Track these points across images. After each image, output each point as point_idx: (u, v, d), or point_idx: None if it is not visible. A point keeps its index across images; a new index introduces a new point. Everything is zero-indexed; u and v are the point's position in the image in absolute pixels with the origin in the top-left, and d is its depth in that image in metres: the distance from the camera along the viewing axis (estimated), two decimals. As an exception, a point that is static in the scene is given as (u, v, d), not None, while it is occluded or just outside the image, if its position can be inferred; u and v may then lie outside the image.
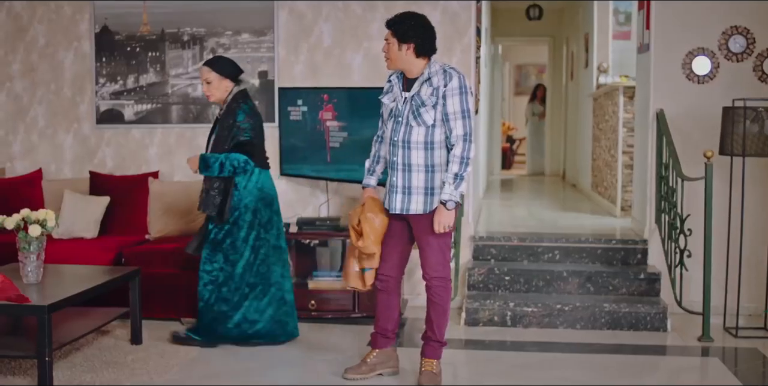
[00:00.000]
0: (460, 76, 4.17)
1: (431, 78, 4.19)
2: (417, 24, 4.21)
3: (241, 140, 4.91)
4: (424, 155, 4.23)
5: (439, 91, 4.14)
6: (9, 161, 6.64)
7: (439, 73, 4.17)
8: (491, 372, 4.75)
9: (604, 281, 5.83)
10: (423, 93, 4.18)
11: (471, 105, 4.18)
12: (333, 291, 5.78)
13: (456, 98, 4.12)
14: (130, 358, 4.86)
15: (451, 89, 4.13)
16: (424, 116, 4.18)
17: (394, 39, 4.23)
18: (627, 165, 7.45)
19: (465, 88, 4.14)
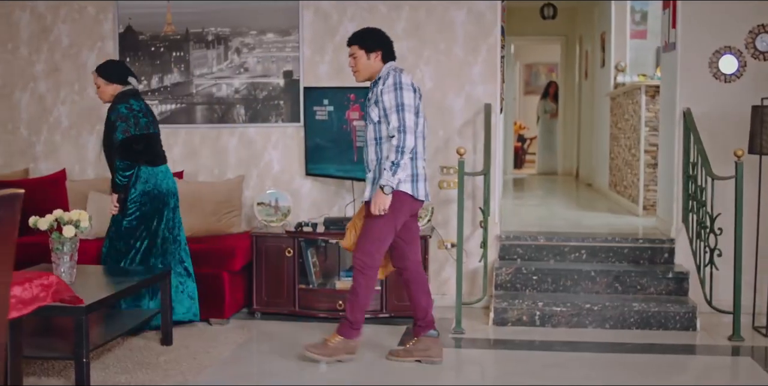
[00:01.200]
0: (395, 75, 4.53)
1: (378, 80, 4.61)
2: (378, 34, 4.74)
3: (116, 142, 5.12)
4: (374, 150, 4.66)
5: (378, 89, 4.55)
6: (32, 162, 6.63)
7: (383, 75, 4.59)
8: (521, 371, 4.73)
9: (632, 280, 5.81)
10: (372, 93, 4.63)
11: (407, 100, 4.48)
12: (361, 290, 5.76)
13: (391, 94, 4.48)
14: (162, 359, 4.85)
15: (387, 87, 4.50)
16: (371, 114, 4.61)
17: (361, 51, 4.68)
18: (649, 164, 7.44)
19: (399, 85, 4.48)
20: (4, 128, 6.66)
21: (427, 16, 6.17)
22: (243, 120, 6.38)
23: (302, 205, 6.32)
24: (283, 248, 5.78)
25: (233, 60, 6.36)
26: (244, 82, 6.36)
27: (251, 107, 6.36)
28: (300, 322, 5.73)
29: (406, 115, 4.47)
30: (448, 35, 6.16)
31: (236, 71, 6.36)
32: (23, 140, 6.65)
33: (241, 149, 6.40)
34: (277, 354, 5.10)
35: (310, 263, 5.85)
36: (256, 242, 5.83)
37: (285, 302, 5.80)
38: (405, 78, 4.55)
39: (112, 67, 5.30)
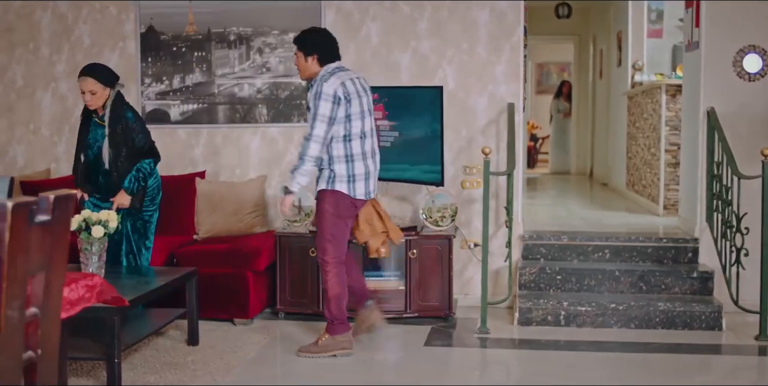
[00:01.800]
0: (320, 83, 4.64)
1: (315, 81, 4.73)
2: (319, 37, 4.82)
3: (140, 145, 5.12)
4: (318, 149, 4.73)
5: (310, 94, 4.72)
6: (54, 162, 6.64)
7: (317, 80, 4.70)
8: (548, 371, 4.73)
9: (657, 280, 5.80)
10: (308, 96, 4.75)
11: (322, 109, 4.61)
12: (385, 291, 5.77)
13: (312, 102, 4.66)
14: (190, 359, 4.85)
15: (313, 94, 4.66)
16: (308, 116, 4.74)
17: (300, 52, 4.78)
18: (670, 163, 7.43)
19: (319, 95, 4.61)
20: (26, 128, 6.67)
21: (449, 16, 6.16)
22: (265, 120, 6.38)
23: (324, 205, 6.30)
24: (306, 248, 5.78)
25: (255, 60, 6.36)
26: (266, 82, 6.36)
27: (273, 106, 6.37)
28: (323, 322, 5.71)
29: (317, 124, 4.62)
30: (471, 35, 6.15)
31: (258, 71, 6.36)
32: (45, 140, 6.65)
33: (263, 149, 6.40)
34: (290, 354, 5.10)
35: (333, 263, 5.83)
36: (280, 242, 5.83)
37: (309, 302, 5.80)
38: (327, 88, 4.63)
39: (107, 71, 5.08)
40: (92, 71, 5.04)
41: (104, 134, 5.08)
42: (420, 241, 5.73)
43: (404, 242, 5.72)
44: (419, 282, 5.71)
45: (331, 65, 4.77)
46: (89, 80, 4.99)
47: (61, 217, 2.16)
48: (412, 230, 5.79)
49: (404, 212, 6.24)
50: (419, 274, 5.71)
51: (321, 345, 4.95)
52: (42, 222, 2.07)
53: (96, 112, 5.11)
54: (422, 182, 5.79)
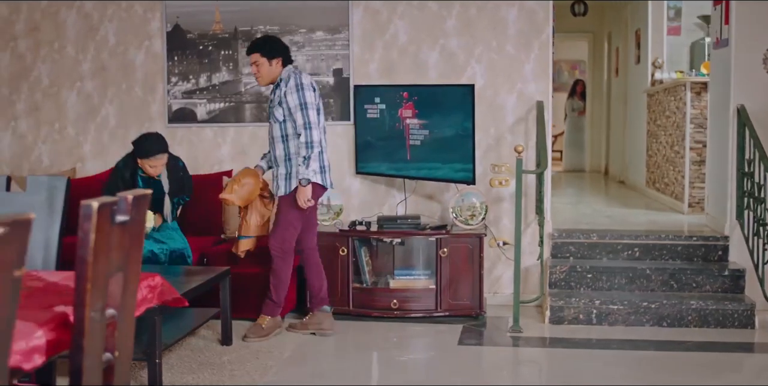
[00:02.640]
0: (296, 76, 4.95)
1: (280, 82, 5.01)
2: (278, 42, 5.11)
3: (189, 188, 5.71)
4: (282, 147, 5.07)
5: (282, 91, 4.95)
6: (80, 161, 6.62)
7: (285, 77, 4.99)
8: (584, 370, 4.70)
9: (688, 278, 5.78)
10: (275, 95, 5.02)
11: (308, 98, 4.93)
12: (415, 290, 5.75)
13: (294, 94, 4.91)
14: (225, 359, 4.83)
15: (290, 88, 4.93)
16: (276, 114, 5.01)
17: (263, 59, 5.02)
18: (694, 161, 7.40)
19: (300, 86, 4.92)
20: (51, 128, 6.65)
21: (478, 14, 6.14)
22: (292, 119, 6.35)
23: (351, 203, 6.30)
24: (336, 247, 5.76)
25: (282, 58, 6.32)
26: (294, 81, 6.33)
27: (301, 105, 6.33)
28: (354, 321, 5.71)
29: (309, 112, 4.94)
30: (500, 33, 6.13)
31: (285, 70, 6.33)
32: (70, 139, 6.64)
33: (291, 148, 6.37)
34: (338, 353, 5.09)
35: (363, 262, 5.83)
36: (310, 241, 5.80)
37: (339, 301, 5.78)
38: (305, 79, 4.99)
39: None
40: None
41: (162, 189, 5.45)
42: (450, 240, 5.71)
43: (434, 241, 5.71)
44: (450, 281, 5.70)
45: (290, 66, 5.10)
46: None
47: (137, 217, 2.15)
48: (442, 229, 5.77)
49: (432, 211, 6.22)
50: (450, 273, 5.69)
51: (266, 328, 5.23)
52: (121, 222, 2.05)
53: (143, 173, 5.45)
54: (453, 180, 5.77)
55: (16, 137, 6.70)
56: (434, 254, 5.74)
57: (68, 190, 2.88)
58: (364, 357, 5.10)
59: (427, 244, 5.86)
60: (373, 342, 5.30)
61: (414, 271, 5.90)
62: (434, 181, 5.94)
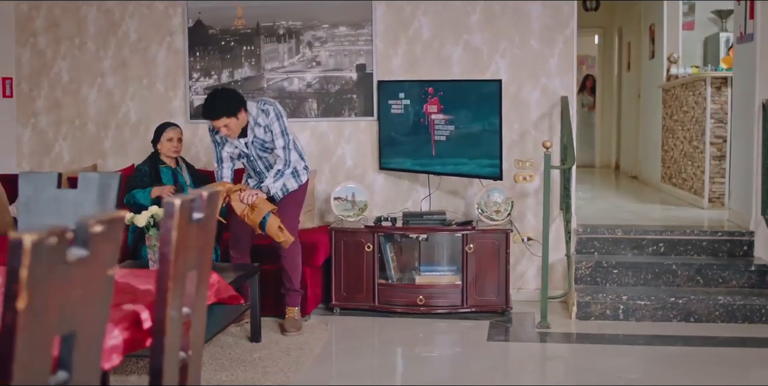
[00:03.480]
0: (268, 108, 5.12)
1: (258, 120, 5.11)
2: (231, 94, 5.04)
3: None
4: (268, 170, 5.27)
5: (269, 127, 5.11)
6: (101, 158, 6.60)
7: (260, 114, 5.11)
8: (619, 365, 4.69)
9: (714, 273, 5.76)
10: (259, 134, 5.13)
11: (288, 124, 5.18)
12: (441, 285, 5.74)
13: (276, 123, 5.10)
14: (257, 356, 4.82)
15: (271, 119, 5.10)
16: (267, 147, 5.17)
17: (232, 119, 4.99)
18: (715, 156, 7.39)
19: (280, 114, 5.13)
20: (72, 124, 6.63)
21: (502, 9, 6.11)
22: (315, 114, 6.34)
23: (375, 199, 6.28)
24: (362, 243, 5.75)
25: (305, 54, 6.31)
26: (317, 76, 6.31)
27: (323, 101, 6.32)
28: (380, 318, 5.70)
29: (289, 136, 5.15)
30: (524, 27, 6.11)
31: (308, 65, 6.31)
32: (91, 136, 6.61)
33: (313, 144, 6.36)
34: (369, 349, 5.07)
35: (389, 258, 5.82)
36: (335, 237, 5.79)
37: (365, 297, 5.77)
38: (278, 107, 5.18)
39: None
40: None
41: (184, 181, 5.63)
42: (476, 235, 5.70)
43: (460, 237, 5.70)
44: (476, 277, 5.68)
45: (250, 103, 5.16)
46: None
47: (210, 215, 2.13)
48: (467, 225, 5.75)
49: (456, 206, 6.21)
50: (476, 269, 5.68)
51: (299, 320, 5.35)
52: (198, 220, 2.03)
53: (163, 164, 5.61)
54: (480, 176, 5.76)
55: (37, 134, 6.67)
56: (460, 250, 5.73)
57: (120, 187, 2.85)
58: (395, 353, 5.10)
59: (453, 240, 5.85)
60: (402, 339, 5.29)
61: (439, 267, 5.88)
62: (460, 177, 5.92)
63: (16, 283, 1.32)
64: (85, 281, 1.54)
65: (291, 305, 5.35)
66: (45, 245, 1.36)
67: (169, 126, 5.61)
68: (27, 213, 2.85)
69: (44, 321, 1.42)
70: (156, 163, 5.58)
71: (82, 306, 1.55)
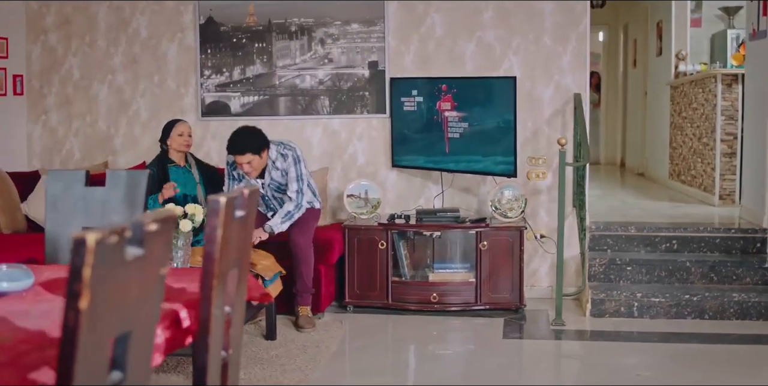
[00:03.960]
0: (293, 152, 5.30)
1: (276, 163, 5.28)
2: (259, 134, 5.21)
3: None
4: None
5: (285, 171, 5.29)
6: (111, 155, 6.58)
7: (279, 158, 5.29)
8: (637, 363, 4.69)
9: (728, 270, 5.75)
10: (275, 177, 5.32)
11: (305, 171, 5.35)
12: (454, 283, 5.73)
13: (293, 167, 5.27)
14: (273, 354, 4.80)
15: (289, 163, 5.27)
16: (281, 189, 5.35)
17: (255, 156, 5.14)
18: (725, 153, 7.38)
19: (298, 158, 5.30)
20: (83, 121, 6.61)
21: (515, 6, 6.10)
22: (327, 111, 6.32)
23: (388, 197, 6.26)
24: (375, 241, 5.73)
25: (317, 51, 6.29)
26: (329, 73, 6.30)
27: (336, 98, 6.31)
28: (393, 315, 5.69)
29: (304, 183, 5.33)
30: (537, 24, 6.09)
31: (320, 62, 6.30)
32: (102, 132, 6.59)
33: (325, 141, 6.35)
34: (386, 347, 5.08)
35: (402, 255, 5.81)
36: (348, 234, 5.78)
37: (378, 294, 5.76)
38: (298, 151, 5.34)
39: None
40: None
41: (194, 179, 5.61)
42: (490, 233, 5.69)
43: (474, 234, 5.69)
44: (490, 274, 5.67)
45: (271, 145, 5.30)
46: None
47: (251, 213, 2.12)
48: (481, 222, 5.74)
49: (469, 204, 6.20)
50: (490, 266, 5.67)
51: (313, 317, 5.37)
52: (240, 217, 2.02)
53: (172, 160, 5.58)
54: (494, 173, 5.74)
55: (47, 131, 6.65)
56: (473, 248, 5.72)
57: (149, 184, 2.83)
58: (412, 351, 5.08)
59: (466, 237, 5.84)
60: (417, 336, 5.28)
61: (453, 264, 5.87)
62: (474, 174, 5.91)
63: (79, 282, 1.31)
64: (141, 281, 1.53)
65: (303, 304, 5.36)
66: (106, 244, 1.35)
67: (178, 121, 5.60)
68: (54, 211, 2.84)
69: (104, 321, 1.41)
70: (164, 163, 5.54)
71: (137, 305, 1.54)
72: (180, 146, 5.51)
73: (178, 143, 5.50)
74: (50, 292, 2.35)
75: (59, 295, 2.33)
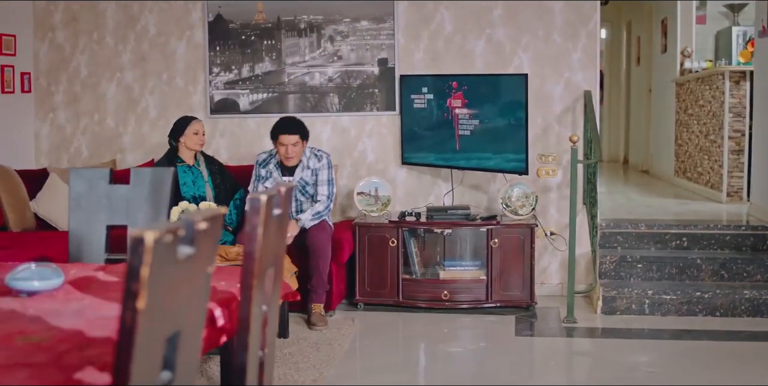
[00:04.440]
0: (327, 156, 5.52)
1: (308, 163, 5.45)
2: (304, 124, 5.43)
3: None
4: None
5: (316, 171, 5.46)
6: (120, 153, 6.56)
7: (312, 157, 5.46)
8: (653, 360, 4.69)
9: (739, 268, 5.75)
10: (305, 176, 5.46)
11: (334, 175, 5.58)
12: (465, 280, 5.72)
13: (325, 171, 5.47)
14: (287, 352, 4.79)
15: (322, 165, 5.46)
16: (310, 191, 5.48)
17: (302, 141, 5.36)
18: (733, 151, 7.38)
19: (330, 164, 5.50)
20: (91, 119, 6.59)
21: (524, 4, 6.09)
22: (337, 109, 6.31)
23: (397, 194, 6.25)
24: (386, 238, 5.73)
25: (326, 48, 6.28)
26: (338, 71, 6.29)
27: (345, 95, 6.29)
28: (403, 313, 5.69)
29: (334, 188, 5.54)
30: (547, 22, 6.08)
31: (329, 59, 6.28)
32: (110, 130, 6.58)
33: (335, 139, 6.33)
34: (399, 345, 5.07)
35: (413, 253, 5.80)
36: (359, 232, 5.77)
37: (389, 292, 5.75)
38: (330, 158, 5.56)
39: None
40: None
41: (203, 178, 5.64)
42: (501, 230, 5.68)
43: (485, 232, 5.68)
44: (501, 272, 5.67)
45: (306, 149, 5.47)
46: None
47: (286, 211, 2.11)
48: (492, 220, 5.74)
49: (478, 201, 6.19)
50: (501, 264, 5.66)
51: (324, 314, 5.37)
52: (277, 216, 2.01)
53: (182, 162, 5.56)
54: (505, 170, 5.73)
55: (55, 129, 6.63)
56: (484, 245, 5.71)
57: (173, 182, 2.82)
58: (425, 349, 5.08)
59: (476, 234, 5.83)
60: (429, 334, 5.27)
61: (463, 262, 5.86)
62: (485, 171, 5.90)
63: (137, 281, 1.30)
64: (190, 280, 1.52)
65: (317, 301, 5.35)
66: (162, 243, 1.34)
67: (193, 119, 5.59)
68: (78, 209, 2.82)
69: (158, 320, 1.40)
70: (173, 161, 5.51)
71: (187, 304, 1.53)
72: (194, 145, 5.49)
73: (193, 142, 5.48)
74: (80, 291, 2.34)
75: (88, 294, 2.32)
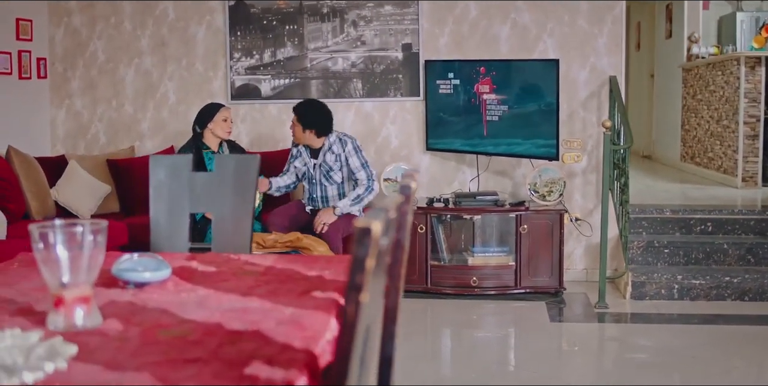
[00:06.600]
0: (348, 141, 5.35)
1: (332, 147, 5.32)
2: (317, 112, 5.29)
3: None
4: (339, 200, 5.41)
5: (341, 157, 5.32)
6: (138, 139, 6.48)
7: (336, 142, 5.33)
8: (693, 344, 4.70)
9: (765, 252, 5.78)
10: (329, 160, 5.33)
11: (367, 157, 5.44)
12: (494, 266, 5.71)
13: (354, 157, 5.33)
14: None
15: (348, 152, 5.33)
16: (335, 177, 5.37)
17: (299, 124, 5.27)
18: (748, 136, 7.41)
19: (358, 148, 5.36)
20: (109, 105, 6.50)
21: (550, -13, 6.07)
22: (360, 94, 6.26)
23: (421, 180, 6.23)
24: (414, 225, 5.69)
25: (349, 33, 6.22)
26: (361, 56, 6.23)
27: (369, 81, 6.24)
28: (432, 299, 5.67)
29: (371, 168, 5.40)
30: (573, 7, 6.06)
31: (353, 45, 6.23)
32: (128, 117, 6.49)
33: (358, 124, 6.29)
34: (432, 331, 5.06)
35: (441, 239, 5.78)
36: (387, 218, 5.73)
37: (417, 279, 5.73)
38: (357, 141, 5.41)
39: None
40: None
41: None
42: (530, 216, 5.67)
43: (514, 218, 5.67)
44: (529, 258, 5.66)
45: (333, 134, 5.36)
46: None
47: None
48: (520, 205, 5.72)
49: (504, 187, 6.17)
50: (529, 250, 5.66)
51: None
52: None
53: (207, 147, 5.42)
54: (535, 156, 5.71)
55: (71, 115, 6.53)
56: (512, 231, 5.70)
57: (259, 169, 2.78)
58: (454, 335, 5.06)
59: (503, 220, 5.82)
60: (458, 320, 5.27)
61: (491, 248, 5.85)
62: (514, 157, 5.88)
63: (362, 274, 1.27)
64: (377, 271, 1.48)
65: None
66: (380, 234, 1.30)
67: (222, 106, 5.47)
68: (159, 198, 2.77)
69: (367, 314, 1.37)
70: (200, 148, 5.43)
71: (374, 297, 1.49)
72: (222, 132, 5.38)
73: (222, 129, 5.37)
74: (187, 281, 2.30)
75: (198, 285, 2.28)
